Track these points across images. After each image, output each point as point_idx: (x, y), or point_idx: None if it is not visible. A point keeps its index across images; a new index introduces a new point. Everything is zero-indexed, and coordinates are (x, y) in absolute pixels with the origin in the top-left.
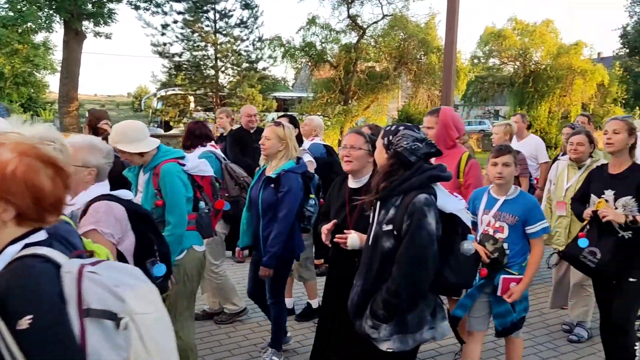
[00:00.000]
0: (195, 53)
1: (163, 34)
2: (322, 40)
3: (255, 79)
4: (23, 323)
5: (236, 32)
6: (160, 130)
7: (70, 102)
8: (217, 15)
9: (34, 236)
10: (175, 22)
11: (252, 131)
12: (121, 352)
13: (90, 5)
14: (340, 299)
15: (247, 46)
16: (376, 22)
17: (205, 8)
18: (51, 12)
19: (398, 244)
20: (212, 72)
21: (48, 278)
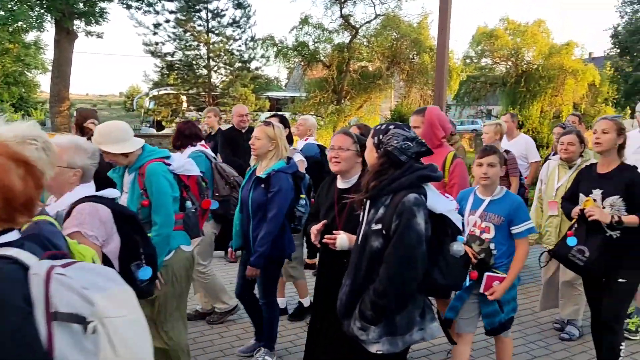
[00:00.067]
0: (188, 52)
1: (155, 33)
2: (315, 39)
3: (248, 78)
4: None
5: (229, 32)
6: (153, 130)
7: (61, 102)
8: (210, 15)
9: (4, 237)
10: (168, 21)
11: (243, 131)
12: (90, 357)
13: (81, 5)
14: (329, 300)
15: (239, 46)
16: (369, 22)
17: (197, 7)
18: (42, 11)
19: (387, 243)
20: (205, 71)
21: (11, 281)
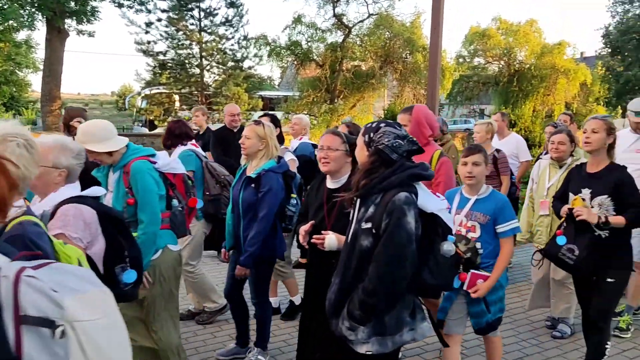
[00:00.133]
0: (180, 51)
1: (147, 32)
2: (308, 39)
3: (241, 77)
4: None
5: (221, 31)
6: (145, 130)
7: (52, 101)
8: (202, 14)
9: None
10: (160, 20)
11: (235, 130)
12: None
13: (73, 3)
14: (318, 300)
15: (232, 45)
16: (362, 21)
17: (189, 6)
18: (33, 9)
19: (376, 242)
20: (197, 70)
21: None
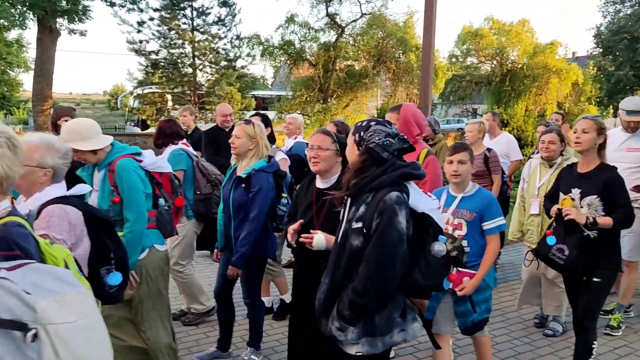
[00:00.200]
0: (173, 51)
1: (139, 32)
2: (301, 38)
3: (234, 77)
4: None
5: (214, 30)
6: (137, 129)
7: (44, 101)
8: (194, 13)
9: None
10: (152, 19)
11: (227, 130)
12: None
13: (64, 2)
14: (306, 299)
15: (225, 44)
16: (355, 21)
17: (182, 5)
18: (24, 8)
19: (367, 242)
20: (190, 70)
21: None
